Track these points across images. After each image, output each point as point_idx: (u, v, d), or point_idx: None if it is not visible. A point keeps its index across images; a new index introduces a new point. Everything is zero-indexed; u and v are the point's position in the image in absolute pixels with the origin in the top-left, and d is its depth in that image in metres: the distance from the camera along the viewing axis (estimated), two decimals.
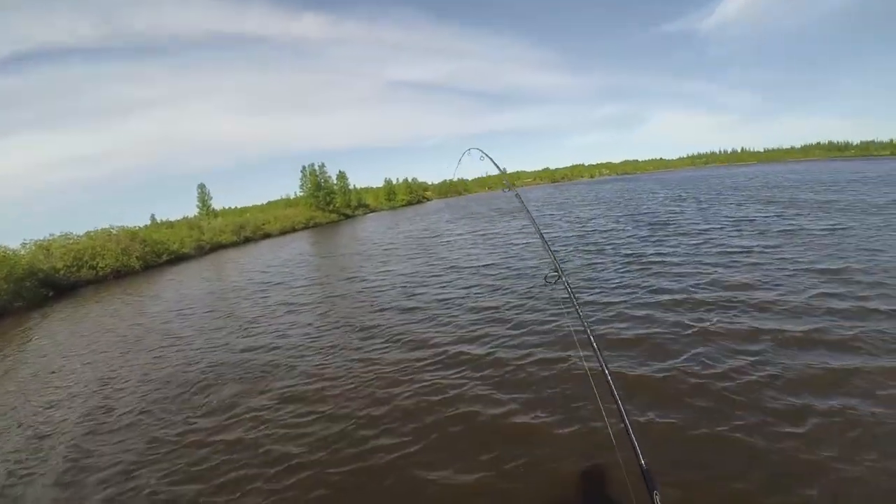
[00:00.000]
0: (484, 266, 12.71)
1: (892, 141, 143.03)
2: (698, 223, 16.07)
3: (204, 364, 7.57)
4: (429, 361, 6.34)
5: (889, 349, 5.08)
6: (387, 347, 7.14)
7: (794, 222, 13.86)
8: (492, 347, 6.52)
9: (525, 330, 7.05)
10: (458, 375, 5.75)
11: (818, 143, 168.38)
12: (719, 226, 14.89)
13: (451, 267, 13.31)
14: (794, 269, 8.60)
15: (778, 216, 15.56)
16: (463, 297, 9.59)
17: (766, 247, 10.86)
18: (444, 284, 11.11)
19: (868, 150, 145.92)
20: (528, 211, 3.82)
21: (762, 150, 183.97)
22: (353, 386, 5.84)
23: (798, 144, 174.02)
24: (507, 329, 7.19)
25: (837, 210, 15.54)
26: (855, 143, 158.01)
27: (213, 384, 6.62)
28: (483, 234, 20.84)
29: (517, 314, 7.87)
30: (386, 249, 20.07)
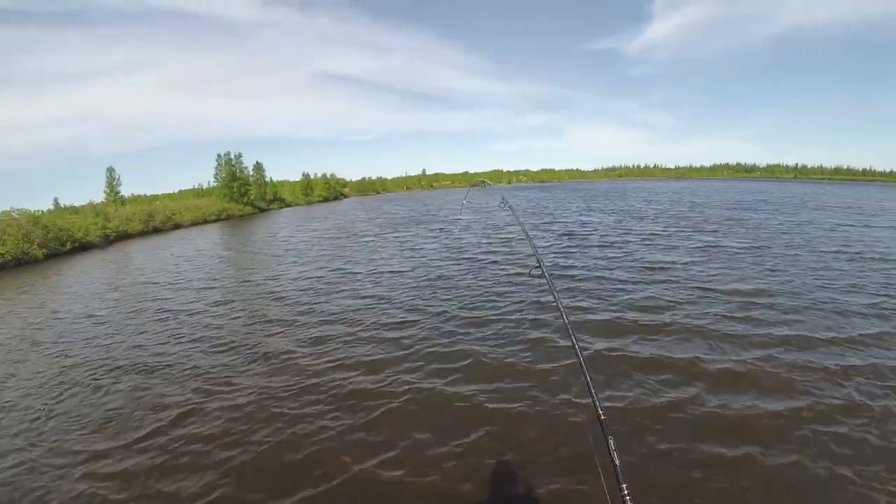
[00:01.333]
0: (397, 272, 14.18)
1: (796, 165, 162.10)
2: (608, 235, 19.18)
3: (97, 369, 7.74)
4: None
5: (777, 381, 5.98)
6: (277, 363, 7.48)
7: (704, 239, 17.07)
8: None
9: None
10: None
11: (727, 164, 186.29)
12: (629, 240, 17.61)
13: (361, 273, 14.21)
14: (694, 287, 10.31)
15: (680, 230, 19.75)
16: (372, 305, 10.47)
17: (673, 263, 13.06)
18: (352, 292, 11.78)
19: (773, 173, 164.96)
20: (516, 216, 4.78)
21: (673, 168, 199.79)
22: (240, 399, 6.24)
23: (708, 164, 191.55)
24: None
25: (747, 228, 20.11)
26: (762, 166, 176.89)
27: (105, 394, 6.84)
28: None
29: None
30: (293, 249, 21.37)
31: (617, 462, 1.71)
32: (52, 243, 27.89)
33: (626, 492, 1.63)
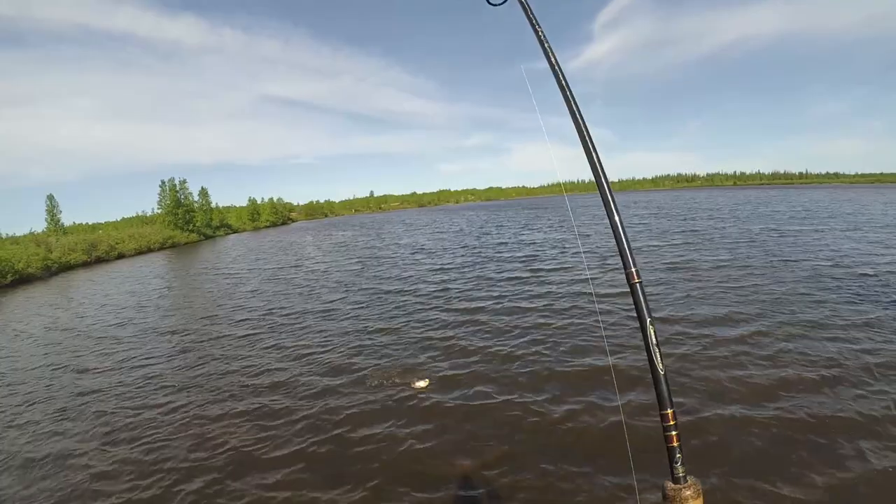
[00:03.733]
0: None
1: (735, 173, 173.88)
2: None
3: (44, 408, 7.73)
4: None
5: None
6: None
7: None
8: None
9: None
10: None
11: (668, 175, 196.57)
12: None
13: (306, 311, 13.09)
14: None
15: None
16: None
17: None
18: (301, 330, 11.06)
19: (713, 181, 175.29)
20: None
21: (617, 181, 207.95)
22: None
23: (650, 176, 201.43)
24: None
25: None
26: (702, 175, 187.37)
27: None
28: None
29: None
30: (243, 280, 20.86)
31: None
32: None
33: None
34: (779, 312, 9.03)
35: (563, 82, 1.75)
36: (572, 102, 1.71)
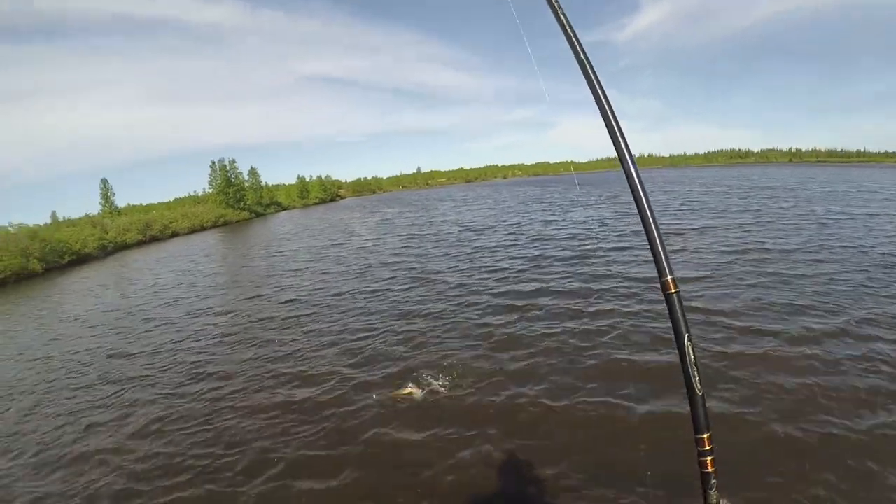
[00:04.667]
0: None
1: (790, 149, 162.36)
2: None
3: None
4: None
5: None
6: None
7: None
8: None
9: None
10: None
11: (720, 150, 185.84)
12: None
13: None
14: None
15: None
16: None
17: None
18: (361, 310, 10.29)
19: (767, 157, 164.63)
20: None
21: (668, 156, 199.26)
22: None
23: (702, 150, 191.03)
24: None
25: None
26: (756, 151, 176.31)
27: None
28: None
29: None
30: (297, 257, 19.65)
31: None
32: (50, 256, 27.91)
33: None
34: (861, 308, 7.57)
35: (589, 69, 1.52)
36: (596, 85, 1.49)
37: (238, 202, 61.53)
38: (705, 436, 1.28)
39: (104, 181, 53.13)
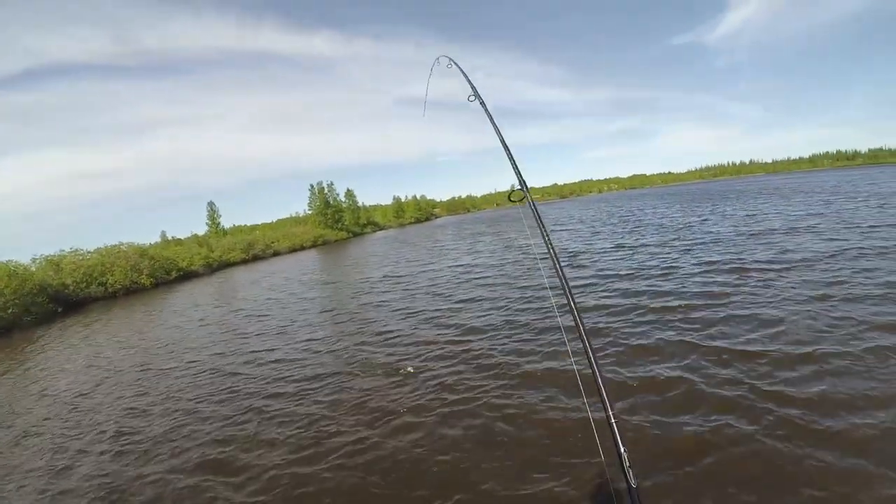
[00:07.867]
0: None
1: None
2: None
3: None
4: None
5: None
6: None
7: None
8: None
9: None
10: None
11: (826, 153, 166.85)
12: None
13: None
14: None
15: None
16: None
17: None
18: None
19: (877, 158, 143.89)
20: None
21: (770, 162, 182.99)
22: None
23: (806, 154, 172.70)
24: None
25: None
26: (863, 152, 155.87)
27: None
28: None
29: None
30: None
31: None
32: (158, 272, 28.58)
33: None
34: None
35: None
36: None
37: (336, 222, 61.76)
38: None
39: (211, 203, 55.05)
